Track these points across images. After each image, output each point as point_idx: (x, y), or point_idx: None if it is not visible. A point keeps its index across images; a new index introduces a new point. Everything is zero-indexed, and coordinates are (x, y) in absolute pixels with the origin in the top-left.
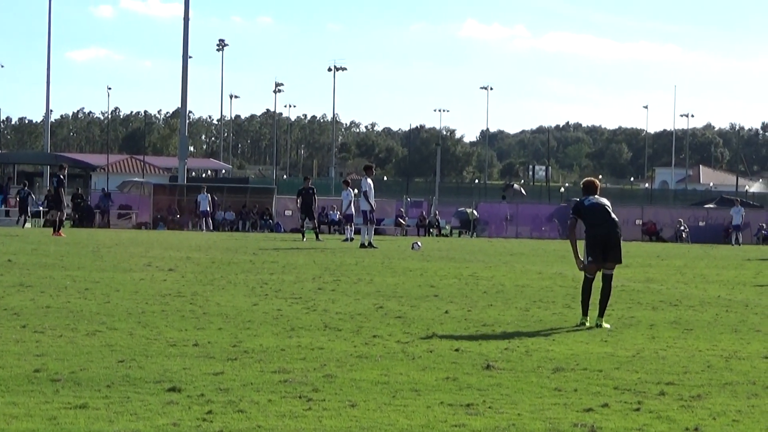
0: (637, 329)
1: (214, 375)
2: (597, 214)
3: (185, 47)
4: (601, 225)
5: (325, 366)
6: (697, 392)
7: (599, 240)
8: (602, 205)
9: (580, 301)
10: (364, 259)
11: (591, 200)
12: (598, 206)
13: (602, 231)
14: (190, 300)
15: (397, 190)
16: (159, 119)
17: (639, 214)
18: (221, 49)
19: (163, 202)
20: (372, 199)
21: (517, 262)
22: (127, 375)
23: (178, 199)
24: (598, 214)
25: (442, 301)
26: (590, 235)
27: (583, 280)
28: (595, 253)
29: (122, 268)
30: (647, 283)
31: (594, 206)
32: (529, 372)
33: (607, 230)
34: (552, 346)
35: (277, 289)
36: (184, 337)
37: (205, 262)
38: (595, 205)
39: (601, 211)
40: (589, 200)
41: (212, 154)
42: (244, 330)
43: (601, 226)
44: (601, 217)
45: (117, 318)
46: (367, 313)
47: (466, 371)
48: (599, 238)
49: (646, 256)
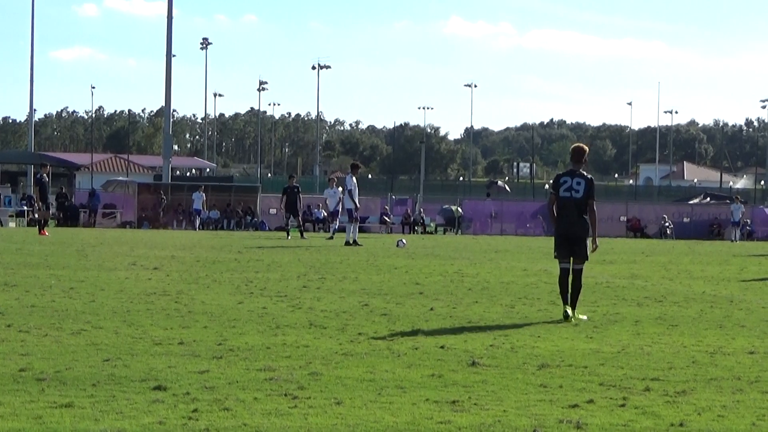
0: (622, 325)
1: (200, 373)
2: (566, 202)
3: (169, 46)
4: (568, 216)
5: (310, 364)
6: (683, 388)
7: (562, 232)
8: (572, 192)
9: (559, 294)
10: (349, 257)
11: (565, 180)
12: (568, 196)
13: (565, 223)
14: (175, 298)
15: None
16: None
17: (623, 211)
18: (205, 47)
19: (147, 201)
20: (356, 198)
21: (502, 259)
22: (112, 374)
23: (162, 198)
24: (567, 204)
25: (427, 299)
26: (558, 221)
27: (559, 275)
28: (560, 247)
29: (107, 267)
30: (632, 280)
31: (566, 190)
32: (515, 368)
33: (568, 223)
34: (537, 343)
35: (262, 287)
36: (169, 335)
37: (190, 260)
38: (567, 189)
39: (569, 202)
40: (564, 180)
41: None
42: (230, 328)
43: (567, 216)
44: (568, 207)
45: (102, 317)
46: (352, 311)
47: (452, 368)
48: (562, 230)
49: (631, 253)
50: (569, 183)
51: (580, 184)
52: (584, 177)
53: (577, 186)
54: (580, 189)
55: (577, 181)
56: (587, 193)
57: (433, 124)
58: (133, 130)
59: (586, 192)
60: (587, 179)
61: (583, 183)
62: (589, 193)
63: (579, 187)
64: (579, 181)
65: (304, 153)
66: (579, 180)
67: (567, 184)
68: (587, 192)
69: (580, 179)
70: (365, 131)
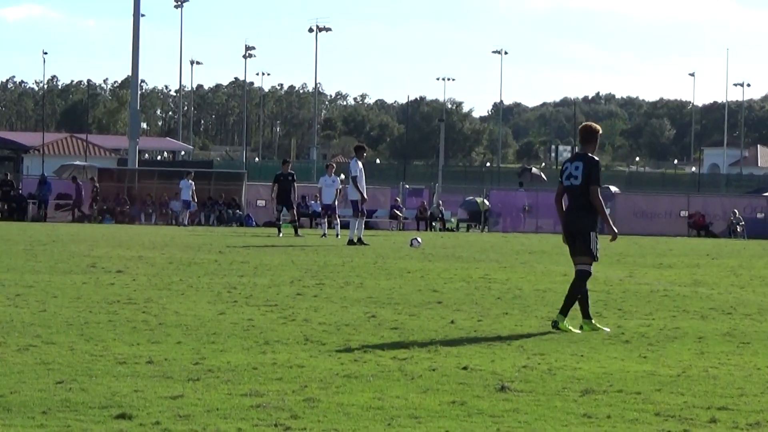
0: (682, 342)
1: (172, 399)
2: (567, 192)
3: (137, 3)
4: (569, 208)
5: (305, 388)
6: (755, 419)
7: (563, 227)
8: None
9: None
10: (352, 259)
11: (566, 167)
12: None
13: (566, 216)
14: (143, 308)
15: (393, 175)
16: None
17: (684, 204)
18: (180, 5)
19: (110, 190)
20: (362, 187)
21: (537, 262)
22: (67, 399)
23: (128, 187)
24: (568, 193)
25: (446, 309)
26: (562, 218)
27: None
28: (568, 245)
29: (61, 270)
30: (695, 287)
31: (567, 178)
32: (553, 395)
33: (568, 216)
34: (580, 364)
35: (248, 294)
36: (135, 352)
37: (161, 262)
38: (567, 177)
39: (569, 191)
40: (566, 166)
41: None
42: (209, 344)
43: (569, 208)
44: (569, 197)
45: (55, 330)
46: (356, 324)
47: (476, 394)
48: (563, 225)
49: (694, 255)
50: (569, 169)
51: (578, 168)
52: (583, 159)
53: (575, 171)
54: (578, 174)
55: (575, 166)
56: (586, 178)
57: (455, 99)
58: (93, 104)
59: (585, 176)
60: (586, 161)
61: (580, 166)
62: (588, 178)
63: (577, 172)
64: (577, 165)
65: (298, 133)
66: (577, 164)
67: (567, 171)
68: (586, 176)
69: (578, 163)
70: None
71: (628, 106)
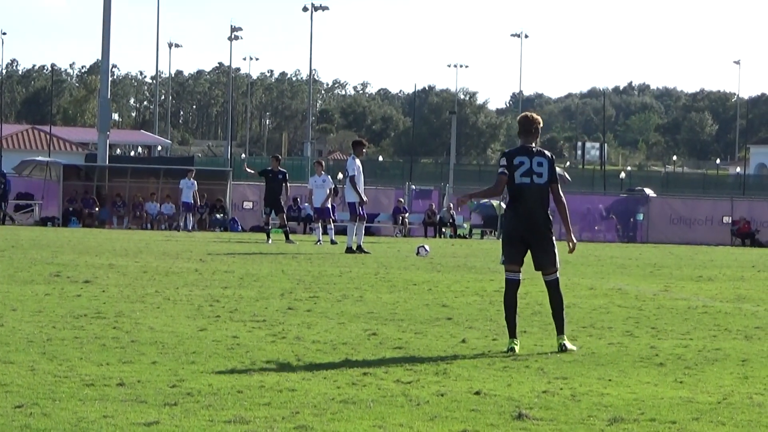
0: (723, 365)
1: (146, 426)
2: (526, 191)
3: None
4: (528, 208)
5: (297, 414)
6: None
7: (520, 229)
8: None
9: (505, 319)
10: (351, 269)
11: (522, 161)
12: (528, 183)
13: (524, 218)
14: (114, 323)
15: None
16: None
17: (727, 209)
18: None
19: (77, 190)
20: (362, 187)
21: (561, 273)
22: (27, 425)
23: (98, 186)
24: (528, 192)
25: (457, 327)
26: (508, 216)
27: (506, 290)
28: (513, 248)
29: (21, 280)
30: (738, 303)
31: (525, 175)
32: (577, 423)
33: (528, 218)
34: (607, 389)
35: (232, 308)
36: (105, 373)
37: (134, 271)
38: (526, 173)
39: (531, 190)
40: (521, 160)
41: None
42: (188, 364)
43: (527, 209)
44: (529, 196)
45: (13, 347)
46: (354, 343)
47: (490, 422)
48: (521, 228)
49: (738, 267)
50: (527, 165)
51: (542, 165)
52: (545, 155)
53: (538, 168)
54: (543, 172)
55: (538, 162)
56: (551, 176)
57: (468, 89)
58: (58, 92)
59: (550, 174)
60: (549, 158)
61: (545, 163)
62: (552, 176)
63: (541, 169)
64: (540, 161)
65: (291, 126)
66: (540, 160)
67: (525, 167)
68: (551, 174)
69: (541, 159)
70: (374, 97)
71: (665, 98)
